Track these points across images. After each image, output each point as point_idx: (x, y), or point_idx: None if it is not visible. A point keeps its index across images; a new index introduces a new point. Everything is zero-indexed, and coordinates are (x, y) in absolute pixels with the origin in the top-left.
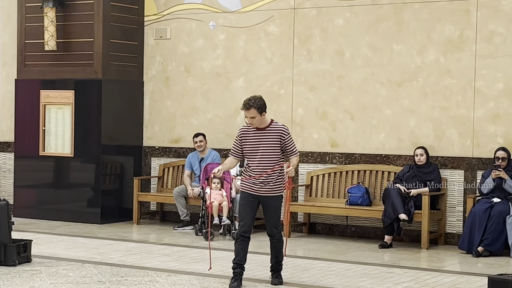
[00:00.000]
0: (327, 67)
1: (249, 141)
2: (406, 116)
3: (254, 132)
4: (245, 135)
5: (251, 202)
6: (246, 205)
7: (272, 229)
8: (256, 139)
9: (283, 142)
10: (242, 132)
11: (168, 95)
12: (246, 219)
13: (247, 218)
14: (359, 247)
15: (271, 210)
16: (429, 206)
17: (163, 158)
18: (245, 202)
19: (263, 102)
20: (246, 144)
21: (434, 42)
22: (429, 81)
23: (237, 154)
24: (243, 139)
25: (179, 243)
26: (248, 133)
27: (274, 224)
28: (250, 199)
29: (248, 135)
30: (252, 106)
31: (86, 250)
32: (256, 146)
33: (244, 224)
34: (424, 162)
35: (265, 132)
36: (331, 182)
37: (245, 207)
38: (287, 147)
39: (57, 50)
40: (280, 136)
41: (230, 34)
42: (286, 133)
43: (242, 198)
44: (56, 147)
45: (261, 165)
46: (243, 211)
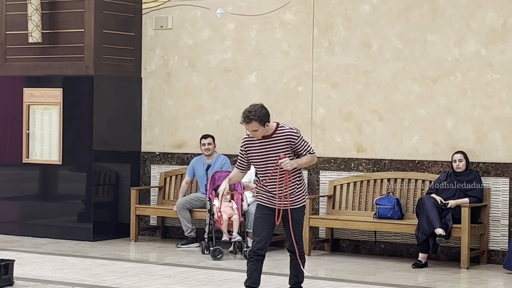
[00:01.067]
0: (351, 61)
1: (256, 151)
2: (443, 117)
3: (259, 140)
4: (250, 145)
5: (268, 215)
6: (262, 218)
7: (292, 244)
8: (263, 148)
9: (294, 147)
10: (246, 142)
11: (170, 94)
12: (262, 234)
13: (264, 234)
14: (390, 266)
15: (293, 223)
16: (469, 220)
17: (164, 166)
18: (262, 215)
19: (265, 111)
20: (253, 154)
21: (474, 32)
22: (468, 77)
23: (242, 166)
24: (248, 149)
25: (183, 263)
26: (252, 142)
27: (296, 239)
28: (267, 212)
29: (253, 145)
30: (252, 119)
31: (77, 271)
32: (264, 156)
33: (260, 240)
34: (464, 169)
35: (272, 140)
36: (357, 192)
37: (261, 220)
38: (299, 150)
39: (42, 43)
40: (289, 141)
41: (241, 23)
42: (296, 136)
43: (259, 211)
44: (42, 154)
45: (275, 178)
46: (259, 225)
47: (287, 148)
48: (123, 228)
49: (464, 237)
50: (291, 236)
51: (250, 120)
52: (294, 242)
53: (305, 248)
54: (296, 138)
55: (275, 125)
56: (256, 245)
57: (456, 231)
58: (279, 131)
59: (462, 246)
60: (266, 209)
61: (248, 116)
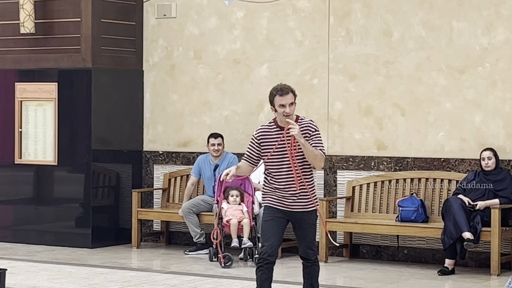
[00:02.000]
0: (371, 51)
1: (272, 143)
2: (470, 111)
3: (277, 132)
4: (265, 137)
5: (278, 219)
6: (272, 222)
7: (307, 251)
8: (280, 140)
9: (310, 138)
10: (261, 133)
11: (174, 88)
12: (272, 239)
13: (274, 238)
14: (414, 274)
15: (306, 228)
16: (499, 223)
17: (169, 166)
18: (272, 218)
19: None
20: (268, 147)
21: (504, 19)
22: (498, 67)
23: (252, 160)
24: (263, 141)
25: (189, 271)
26: (269, 133)
27: (309, 244)
28: (277, 215)
29: (269, 136)
30: (289, 91)
31: (74, 280)
32: (281, 149)
33: (270, 245)
34: (493, 168)
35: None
36: (378, 193)
37: (271, 224)
38: (313, 143)
39: (35, 33)
40: (307, 132)
41: (250, 11)
42: (314, 128)
43: (268, 214)
44: (36, 154)
45: (291, 174)
46: (269, 229)
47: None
48: (124, 233)
49: (494, 241)
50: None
51: (288, 91)
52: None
53: (322, 254)
54: (314, 129)
55: (295, 117)
56: (266, 251)
57: (485, 235)
58: (299, 121)
59: (492, 251)
60: (276, 212)
61: (284, 86)
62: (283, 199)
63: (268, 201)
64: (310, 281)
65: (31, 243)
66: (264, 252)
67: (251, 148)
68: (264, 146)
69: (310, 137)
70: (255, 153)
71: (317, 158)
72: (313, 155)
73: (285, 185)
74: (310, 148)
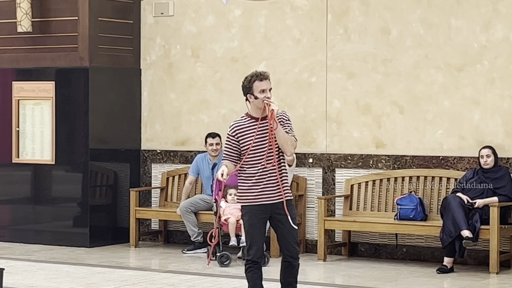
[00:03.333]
0: (369, 49)
1: (248, 135)
2: (469, 109)
3: (252, 124)
4: (241, 131)
5: (262, 220)
6: (256, 225)
7: (294, 247)
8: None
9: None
10: (236, 128)
11: (172, 86)
12: (259, 242)
13: (260, 241)
14: (412, 272)
15: (288, 222)
16: (498, 220)
17: (167, 165)
18: (256, 221)
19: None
20: (246, 141)
21: (502, 16)
22: (496, 64)
23: (233, 158)
24: (239, 136)
25: (188, 270)
26: (243, 126)
27: (294, 240)
28: (261, 216)
29: (244, 129)
30: (268, 76)
31: (72, 280)
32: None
33: (258, 248)
34: (492, 165)
35: (265, 122)
36: (376, 191)
37: (256, 227)
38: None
39: (32, 32)
40: (281, 121)
41: (248, 9)
42: (286, 118)
43: (251, 216)
44: (34, 153)
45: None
46: (254, 232)
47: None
48: (122, 233)
49: (493, 239)
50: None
51: (267, 76)
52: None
53: (320, 253)
54: (287, 118)
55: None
56: (255, 254)
57: (484, 233)
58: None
59: (491, 249)
60: (257, 211)
61: (262, 72)
62: (264, 192)
63: (247, 199)
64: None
65: (29, 242)
66: (253, 255)
67: (229, 146)
68: (242, 140)
69: (283, 126)
70: (234, 149)
71: (289, 141)
72: (285, 138)
73: (265, 175)
74: (283, 132)
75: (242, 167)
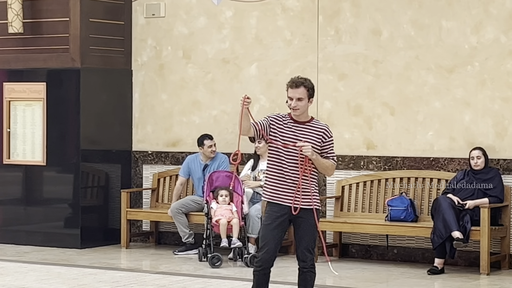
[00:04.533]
0: (360, 50)
1: (283, 134)
2: (460, 110)
3: (291, 124)
4: (277, 124)
5: (280, 222)
6: (271, 226)
7: (305, 253)
8: (292, 133)
9: (323, 145)
10: (275, 119)
11: (163, 87)
12: (270, 244)
13: (271, 244)
14: (403, 273)
15: (307, 227)
16: (489, 222)
17: (158, 166)
18: (272, 221)
19: (313, 86)
20: (277, 137)
21: (493, 17)
22: (487, 66)
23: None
24: (273, 127)
25: (179, 271)
26: (282, 123)
27: (307, 246)
28: (280, 219)
29: (282, 126)
30: (302, 84)
31: (63, 281)
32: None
33: (267, 251)
34: (483, 167)
35: (305, 128)
36: (367, 193)
37: (269, 228)
38: (325, 150)
39: (24, 33)
40: (322, 136)
41: (239, 10)
42: (330, 134)
43: (270, 216)
44: (25, 154)
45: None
46: (267, 233)
47: (318, 142)
48: (113, 234)
49: (483, 241)
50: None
51: (300, 84)
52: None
53: None
54: (329, 135)
55: (311, 116)
56: (263, 257)
57: (475, 234)
58: (314, 122)
59: (482, 250)
60: (276, 213)
61: (297, 80)
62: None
63: (269, 195)
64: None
65: (20, 243)
66: (260, 259)
67: (262, 120)
68: (273, 132)
69: (324, 143)
70: (262, 125)
71: (329, 168)
72: (324, 167)
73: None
74: (322, 161)
75: (271, 161)
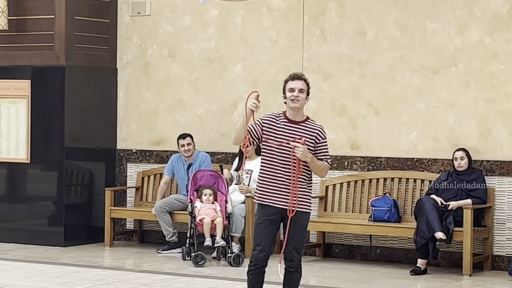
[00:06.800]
0: (345, 50)
1: (277, 134)
2: (444, 111)
3: (284, 123)
4: (271, 125)
5: (273, 221)
6: (264, 224)
7: (292, 252)
8: (286, 133)
9: (317, 145)
10: (267, 119)
11: (148, 86)
12: (263, 243)
13: (265, 242)
14: (386, 273)
15: (297, 227)
16: (472, 223)
17: (142, 164)
18: (264, 220)
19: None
20: (270, 136)
21: (477, 19)
22: (471, 67)
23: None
24: (266, 128)
25: (162, 270)
26: (276, 123)
27: (296, 246)
28: (272, 217)
29: (275, 126)
30: (303, 78)
31: (46, 279)
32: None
33: (261, 249)
34: (466, 168)
35: (299, 127)
36: (351, 193)
37: (263, 226)
38: (319, 152)
39: (8, 30)
40: (316, 136)
41: (225, 10)
42: (324, 136)
43: (261, 215)
44: (8, 151)
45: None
46: (261, 232)
47: (311, 143)
48: (97, 232)
49: (466, 241)
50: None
51: (300, 77)
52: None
53: None
54: (323, 136)
55: (305, 116)
56: (257, 256)
57: (457, 235)
58: (309, 122)
59: (464, 251)
60: (269, 212)
61: (299, 74)
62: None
63: (264, 197)
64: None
65: (3, 241)
66: (254, 257)
67: (254, 126)
68: (267, 133)
69: (317, 144)
70: (255, 131)
71: (322, 170)
72: (319, 169)
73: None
74: (316, 163)
75: (265, 162)
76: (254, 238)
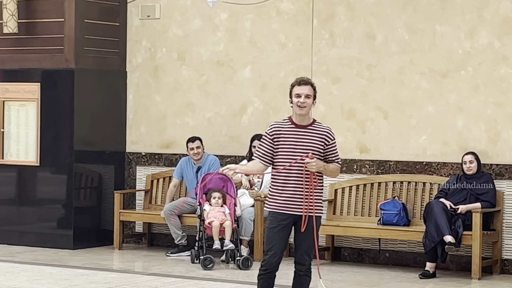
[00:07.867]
0: (354, 54)
1: (286, 141)
2: (453, 115)
3: (292, 129)
4: (279, 133)
5: (285, 225)
6: (276, 229)
7: (303, 256)
8: (294, 139)
9: (326, 148)
10: (275, 129)
11: (157, 89)
12: (275, 248)
13: (276, 247)
14: (395, 277)
15: (309, 232)
16: (481, 226)
17: (151, 167)
18: (277, 225)
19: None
20: (281, 145)
21: (486, 23)
22: (480, 71)
23: (266, 158)
24: (276, 138)
25: (171, 273)
26: (283, 130)
27: (307, 249)
28: (284, 222)
29: (283, 134)
30: (309, 83)
31: (55, 282)
32: (294, 148)
33: (273, 254)
34: (475, 171)
35: (307, 132)
36: (360, 196)
37: (275, 231)
38: (329, 154)
39: (18, 33)
40: (325, 139)
41: (234, 13)
42: (333, 137)
43: (274, 220)
44: (18, 154)
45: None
46: (272, 237)
47: (321, 146)
48: (106, 235)
49: (475, 245)
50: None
51: (307, 82)
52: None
53: None
54: (332, 138)
55: (312, 118)
56: (268, 261)
57: (466, 239)
58: (316, 125)
59: (473, 254)
60: (281, 218)
61: (305, 78)
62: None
63: (274, 205)
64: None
65: (13, 243)
66: (266, 261)
67: (264, 144)
68: (278, 142)
69: (327, 146)
70: (268, 149)
71: (335, 172)
72: (331, 172)
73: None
74: (328, 169)
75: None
76: (266, 242)
